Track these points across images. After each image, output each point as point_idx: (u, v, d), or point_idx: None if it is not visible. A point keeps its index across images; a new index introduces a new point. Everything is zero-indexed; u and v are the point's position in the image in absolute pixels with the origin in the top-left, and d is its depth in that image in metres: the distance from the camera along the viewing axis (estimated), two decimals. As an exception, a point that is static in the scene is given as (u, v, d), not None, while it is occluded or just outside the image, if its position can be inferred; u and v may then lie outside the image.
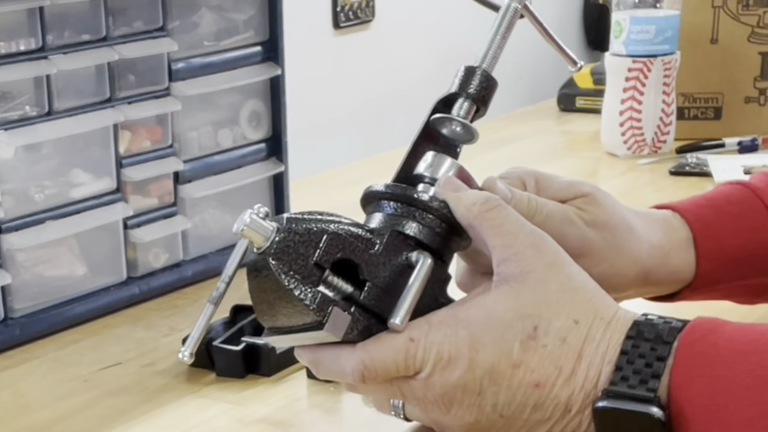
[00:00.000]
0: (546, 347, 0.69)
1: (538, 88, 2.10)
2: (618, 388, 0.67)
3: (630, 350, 0.68)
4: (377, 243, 0.72)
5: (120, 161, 1.10)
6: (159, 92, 1.13)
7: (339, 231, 0.71)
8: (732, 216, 0.87)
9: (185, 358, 0.74)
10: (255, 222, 0.72)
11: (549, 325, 0.69)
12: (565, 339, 0.69)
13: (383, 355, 0.71)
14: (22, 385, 0.97)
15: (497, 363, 0.69)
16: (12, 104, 1.02)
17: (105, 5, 1.06)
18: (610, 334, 0.70)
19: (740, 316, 1.01)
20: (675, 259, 0.85)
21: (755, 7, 1.63)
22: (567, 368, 0.69)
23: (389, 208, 0.75)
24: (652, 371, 0.67)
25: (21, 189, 1.04)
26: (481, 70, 0.78)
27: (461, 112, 0.78)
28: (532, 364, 0.69)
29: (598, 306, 0.71)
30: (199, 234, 1.19)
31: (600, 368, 0.69)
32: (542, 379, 0.69)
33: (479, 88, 0.78)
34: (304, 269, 0.70)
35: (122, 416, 0.90)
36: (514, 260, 0.71)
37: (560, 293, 0.70)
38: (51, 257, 1.06)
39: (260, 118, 1.23)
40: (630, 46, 1.57)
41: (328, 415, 0.90)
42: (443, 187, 0.74)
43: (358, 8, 1.76)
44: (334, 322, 0.70)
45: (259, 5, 1.21)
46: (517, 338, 0.69)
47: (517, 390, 0.69)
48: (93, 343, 1.05)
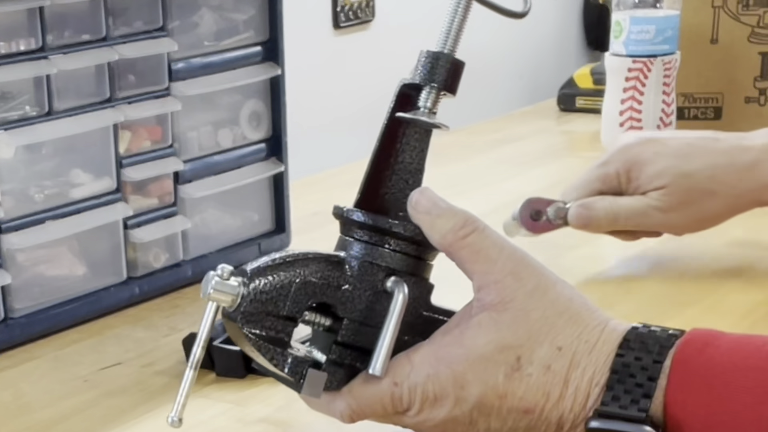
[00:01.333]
0: (531, 376, 0.69)
1: (538, 88, 2.10)
2: (609, 408, 0.67)
3: (620, 369, 0.67)
4: (348, 278, 0.71)
5: (120, 161, 1.10)
6: (159, 92, 1.13)
7: (307, 277, 0.71)
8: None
9: (175, 425, 0.74)
10: (220, 284, 0.71)
11: (532, 354, 0.69)
12: (550, 367, 0.69)
13: (369, 400, 0.71)
14: (22, 385, 0.97)
15: (483, 396, 0.69)
16: (12, 104, 1.02)
17: (105, 5, 1.06)
18: (595, 357, 0.69)
19: (738, 318, 1.01)
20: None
21: (755, 7, 1.63)
22: (554, 393, 0.69)
23: (361, 234, 0.73)
24: (643, 391, 0.66)
25: (21, 189, 1.04)
26: (446, 56, 0.75)
27: (428, 104, 0.75)
28: (519, 393, 0.69)
29: (582, 329, 0.70)
30: (199, 234, 1.19)
31: (587, 391, 0.68)
32: (530, 405, 0.69)
33: (447, 75, 0.75)
34: (277, 324, 0.71)
35: (122, 416, 0.90)
36: (494, 288, 0.70)
37: (542, 321, 0.69)
38: (51, 257, 1.06)
39: (260, 118, 1.23)
40: (630, 46, 1.57)
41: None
42: (415, 208, 0.72)
43: (358, 8, 1.76)
44: (311, 382, 0.71)
45: (259, 5, 1.21)
46: (500, 370, 0.69)
47: (508, 416, 0.70)
48: (93, 343, 1.05)
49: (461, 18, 0.75)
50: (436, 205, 0.72)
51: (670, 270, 1.17)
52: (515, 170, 1.55)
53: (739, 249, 1.15)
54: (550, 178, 1.48)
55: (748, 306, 1.06)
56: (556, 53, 2.19)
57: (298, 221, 1.28)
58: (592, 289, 1.10)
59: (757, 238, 1.23)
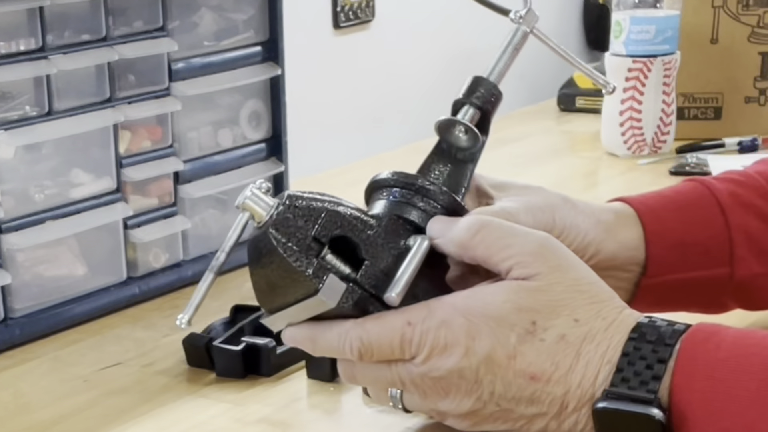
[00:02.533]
0: (544, 342, 0.69)
1: (538, 88, 2.10)
2: (618, 389, 0.68)
3: (632, 351, 0.68)
4: (376, 225, 0.73)
5: (120, 161, 1.10)
6: (159, 92, 1.13)
7: (339, 210, 0.72)
8: (680, 205, 0.88)
9: (183, 325, 0.75)
10: (256, 196, 0.73)
11: (548, 321, 0.69)
12: (564, 336, 0.69)
13: (380, 334, 0.71)
14: (22, 385, 0.97)
15: (493, 352, 0.69)
16: (12, 104, 1.02)
17: (105, 5, 1.06)
18: (611, 334, 0.70)
19: (738, 318, 1.01)
20: (622, 234, 0.85)
21: (755, 7, 1.63)
22: (564, 364, 0.69)
23: (393, 195, 0.75)
24: (653, 373, 0.67)
25: (21, 189, 1.04)
26: (488, 81, 0.80)
27: (466, 117, 0.79)
28: (528, 357, 0.69)
29: (601, 307, 0.71)
30: (199, 234, 1.19)
31: (599, 367, 0.69)
32: (538, 372, 0.69)
33: (485, 97, 0.80)
34: (303, 242, 0.71)
35: (122, 416, 0.90)
36: (518, 268, 0.71)
37: (564, 294, 0.70)
38: (51, 257, 1.06)
39: (260, 118, 1.23)
40: (630, 46, 1.57)
41: (328, 415, 0.90)
42: (431, 235, 0.74)
43: (358, 8, 1.76)
44: (330, 288, 0.71)
45: (259, 5, 1.21)
46: (514, 330, 0.69)
47: (513, 380, 0.70)
48: (93, 343, 1.05)
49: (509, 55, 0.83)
50: (446, 223, 0.74)
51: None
52: (515, 170, 1.55)
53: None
54: (550, 178, 1.48)
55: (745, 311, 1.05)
56: (556, 54, 2.19)
57: (298, 221, 1.28)
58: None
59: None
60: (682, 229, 0.86)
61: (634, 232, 0.85)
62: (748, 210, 0.87)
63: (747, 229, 0.87)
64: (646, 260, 0.86)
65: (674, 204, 0.88)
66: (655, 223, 0.86)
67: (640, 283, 0.86)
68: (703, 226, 0.87)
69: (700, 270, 0.87)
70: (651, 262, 0.86)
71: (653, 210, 0.87)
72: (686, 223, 0.86)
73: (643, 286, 0.86)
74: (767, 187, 0.89)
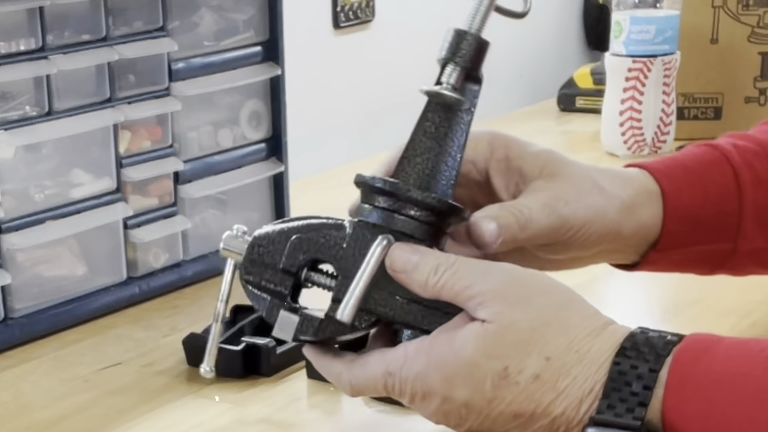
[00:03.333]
0: (519, 384, 0.69)
1: (538, 88, 2.10)
2: (604, 416, 0.67)
3: (616, 377, 0.67)
4: (346, 237, 0.72)
5: (120, 161, 1.10)
6: (159, 92, 1.13)
7: (304, 234, 0.73)
8: (701, 177, 0.86)
9: (209, 375, 0.78)
10: (229, 240, 0.75)
11: (520, 364, 0.69)
12: (538, 376, 0.69)
13: (366, 380, 0.73)
14: (22, 385, 0.97)
15: (472, 398, 0.70)
16: (12, 104, 1.02)
17: (105, 5, 1.06)
18: (587, 366, 0.68)
19: (738, 318, 1.01)
20: (643, 213, 0.84)
21: (755, 7, 1.63)
22: (544, 400, 0.69)
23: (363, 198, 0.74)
24: (639, 399, 0.66)
25: (21, 189, 1.04)
26: (470, 35, 0.76)
27: (451, 80, 0.75)
28: (507, 399, 0.69)
29: (572, 338, 0.69)
30: (199, 234, 1.19)
31: (580, 398, 0.68)
32: (520, 410, 0.69)
33: (469, 54, 0.76)
34: (275, 277, 0.73)
35: (122, 416, 0.90)
36: (481, 309, 0.70)
37: (529, 332, 0.69)
38: (51, 257, 1.06)
39: (260, 118, 1.23)
40: (630, 46, 1.57)
41: (328, 415, 0.90)
42: (392, 269, 0.72)
43: (358, 8, 1.76)
44: (282, 326, 0.73)
45: (259, 5, 1.21)
46: (488, 377, 0.69)
47: (498, 418, 0.70)
48: (93, 343, 1.05)
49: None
50: (408, 261, 0.72)
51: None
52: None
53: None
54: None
55: (748, 306, 1.06)
56: (556, 53, 2.19)
57: (298, 221, 1.28)
58: (592, 290, 1.10)
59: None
60: (699, 205, 0.85)
61: (654, 210, 0.84)
62: (762, 185, 0.87)
63: (759, 204, 0.87)
64: (659, 238, 0.85)
65: (695, 176, 0.86)
66: (676, 199, 0.85)
67: (646, 254, 0.86)
68: (718, 201, 0.86)
69: (706, 244, 0.86)
70: (663, 238, 0.85)
71: (675, 184, 0.86)
72: (703, 199, 0.86)
73: (648, 258, 0.86)
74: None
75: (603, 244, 0.83)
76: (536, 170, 0.80)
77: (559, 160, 0.81)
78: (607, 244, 0.83)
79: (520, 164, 0.80)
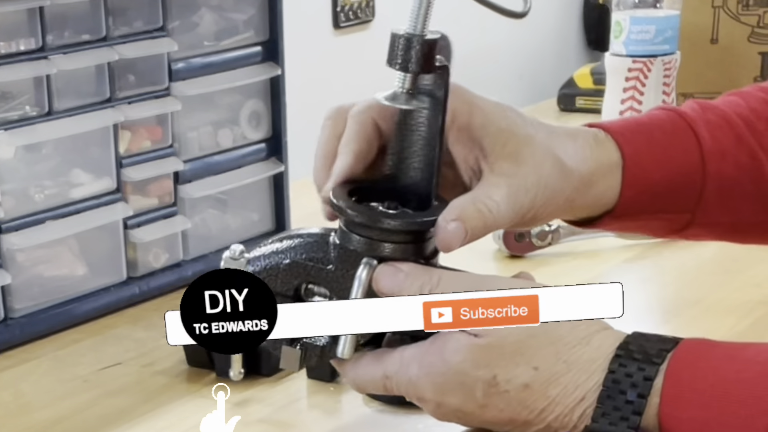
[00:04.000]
0: (509, 392, 0.70)
1: (538, 88, 2.10)
2: (599, 425, 0.67)
3: (610, 386, 0.68)
4: (333, 258, 0.74)
5: (120, 161, 1.10)
6: (159, 92, 1.12)
7: (294, 258, 0.75)
8: (665, 149, 0.84)
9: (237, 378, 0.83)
10: (229, 263, 0.77)
11: (508, 373, 0.70)
12: (528, 385, 0.69)
13: (366, 382, 0.75)
14: (22, 385, 0.97)
15: (464, 405, 0.71)
16: (12, 104, 1.02)
17: (105, 5, 1.06)
18: (576, 376, 0.69)
19: (738, 318, 1.01)
20: (601, 186, 0.82)
21: (755, 7, 1.63)
22: (536, 407, 0.70)
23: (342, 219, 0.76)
24: (633, 408, 0.66)
25: (21, 189, 1.04)
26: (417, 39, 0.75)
27: (405, 86, 0.76)
28: (499, 405, 0.70)
29: (559, 348, 0.70)
30: (199, 234, 1.19)
31: (572, 407, 0.69)
32: (513, 415, 0.70)
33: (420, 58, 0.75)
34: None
35: (122, 416, 0.90)
36: None
37: (516, 345, 0.70)
38: (51, 257, 1.06)
39: (260, 118, 1.23)
40: (630, 46, 1.56)
41: (328, 415, 0.90)
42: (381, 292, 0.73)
43: (358, 8, 1.76)
44: (286, 359, 0.76)
45: (259, 5, 1.21)
46: (478, 385, 0.70)
47: (491, 420, 0.71)
48: (93, 343, 1.05)
49: None
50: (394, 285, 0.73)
51: (670, 270, 1.17)
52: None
53: (739, 249, 1.15)
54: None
55: (748, 306, 1.06)
56: (556, 53, 2.19)
57: (298, 221, 1.28)
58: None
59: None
60: (660, 177, 0.83)
61: (612, 182, 0.82)
62: (726, 158, 0.85)
63: (722, 177, 0.84)
64: (615, 206, 0.83)
65: (660, 148, 0.84)
66: (637, 170, 0.83)
67: (601, 218, 0.84)
68: (681, 173, 0.84)
69: (664, 214, 0.85)
70: (619, 206, 0.83)
71: (638, 156, 0.83)
72: (665, 171, 0.83)
73: (602, 221, 0.85)
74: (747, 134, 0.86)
75: (556, 215, 0.82)
76: (498, 148, 0.77)
77: (520, 135, 0.78)
78: (560, 214, 0.82)
79: (481, 137, 0.77)
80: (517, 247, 1.21)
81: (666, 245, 1.21)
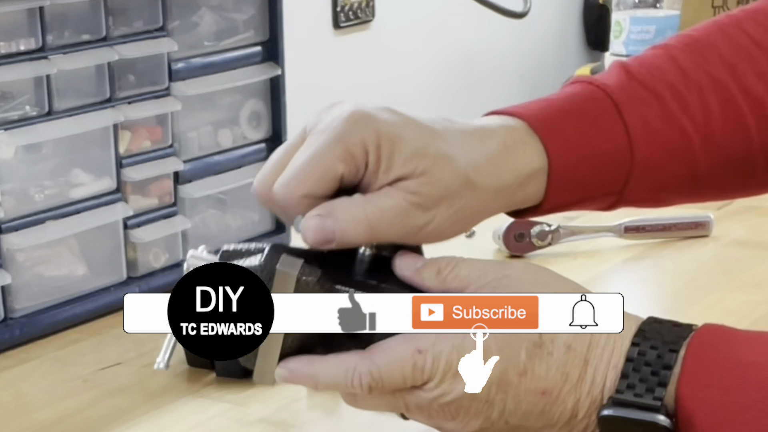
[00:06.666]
0: (552, 355, 0.69)
1: (538, 88, 2.10)
2: (624, 396, 0.67)
3: (636, 357, 0.68)
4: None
5: (120, 161, 1.10)
6: (159, 92, 1.13)
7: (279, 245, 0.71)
8: (589, 138, 0.80)
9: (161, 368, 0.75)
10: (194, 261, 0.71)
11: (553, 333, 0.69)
12: (570, 345, 0.69)
13: (391, 365, 0.69)
14: (22, 385, 0.97)
15: (504, 372, 0.69)
16: (12, 104, 1.02)
17: (105, 5, 1.06)
18: (614, 338, 0.69)
19: (738, 318, 1.01)
20: (522, 193, 0.79)
21: (755, 7, 1.63)
22: (573, 374, 0.69)
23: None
24: (659, 379, 0.67)
25: (21, 189, 1.04)
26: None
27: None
28: (539, 372, 0.69)
29: None
30: (199, 234, 1.19)
31: (606, 372, 0.69)
32: (549, 386, 0.69)
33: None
34: None
35: (122, 416, 0.90)
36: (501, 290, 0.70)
37: None
38: (51, 257, 1.06)
39: (260, 118, 1.23)
40: (630, 46, 1.57)
41: (327, 415, 0.90)
42: (400, 269, 0.72)
43: (358, 8, 1.76)
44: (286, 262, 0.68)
45: (259, 5, 1.21)
46: (523, 346, 0.69)
47: (525, 397, 0.69)
48: (93, 343, 1.05)
49: None
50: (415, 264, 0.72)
51: (670, 270, 1.17)
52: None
53: (739, 249, 1.15)
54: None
55: (748, 306, 1.06)
56: (556, 53, 2.19)
57: (298, 221, 1.28)
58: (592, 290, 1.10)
59: (757, 238, 1.23)
60: (587, 171, 0.80)
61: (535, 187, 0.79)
62: (655, 141, 0.82)
63: (650, 162, 0.82)
64: (539, 205, 0.80)
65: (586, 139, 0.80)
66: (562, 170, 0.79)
67: (524, 212, 0.82)
68: (608, 163, 0.81)
69: (591, 201, 0.83)
70: (545, 205, 0.80)
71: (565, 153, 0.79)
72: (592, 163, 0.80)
73: (525, 214, 0.82)
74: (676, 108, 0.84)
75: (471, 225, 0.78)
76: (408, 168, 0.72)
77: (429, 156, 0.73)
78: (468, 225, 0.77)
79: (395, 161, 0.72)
80: (517, 247, 1.21)
81: (666, 245, 1.21)
